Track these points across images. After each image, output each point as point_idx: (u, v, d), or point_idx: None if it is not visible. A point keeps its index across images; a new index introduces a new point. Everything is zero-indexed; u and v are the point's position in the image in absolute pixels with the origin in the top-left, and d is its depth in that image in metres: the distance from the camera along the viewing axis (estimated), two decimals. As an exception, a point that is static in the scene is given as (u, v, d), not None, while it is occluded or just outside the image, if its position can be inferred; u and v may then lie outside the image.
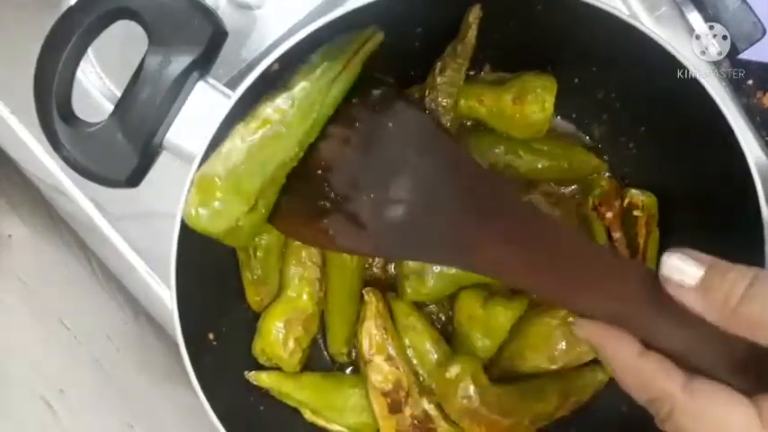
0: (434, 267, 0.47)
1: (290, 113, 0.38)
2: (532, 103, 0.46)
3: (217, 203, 0.37)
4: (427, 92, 0.45)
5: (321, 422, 0.49)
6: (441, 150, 0.39)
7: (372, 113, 0.39)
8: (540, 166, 0.49)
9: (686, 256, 0.30)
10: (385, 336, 0.47)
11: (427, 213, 0.38)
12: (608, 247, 0.35)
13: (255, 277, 0.47)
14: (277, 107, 0.39)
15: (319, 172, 0.39)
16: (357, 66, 0.40)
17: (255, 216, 0.39)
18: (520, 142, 0.48)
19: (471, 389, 0.45)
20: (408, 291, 0.47)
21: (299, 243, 0.48)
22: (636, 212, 0.48)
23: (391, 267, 0.51)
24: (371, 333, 0.47)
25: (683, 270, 0.30)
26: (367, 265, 0.51)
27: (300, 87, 0.39)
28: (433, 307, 0.51)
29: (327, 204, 0.38)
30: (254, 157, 0.38)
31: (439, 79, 0.45)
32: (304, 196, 0.39)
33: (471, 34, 0.43)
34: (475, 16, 0.43)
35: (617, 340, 0.32)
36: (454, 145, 0.40)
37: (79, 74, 0.40)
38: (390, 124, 0.39)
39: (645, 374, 0.31)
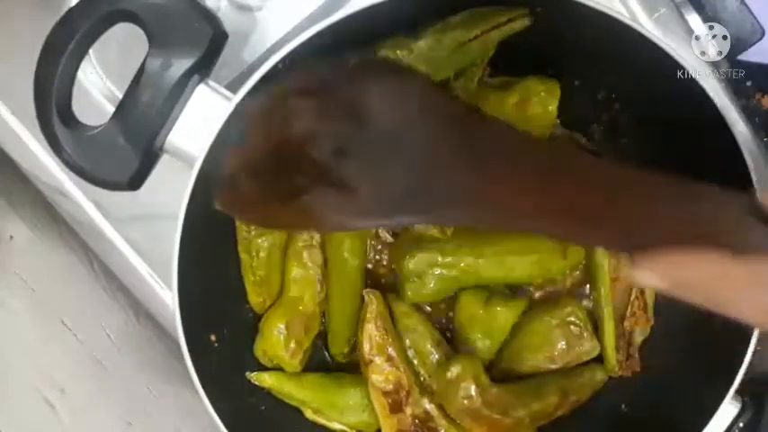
0: (435, 269, 0.47)
1: (405, 62, 0.40)
2: (536, 106, 0.46)
3: None
4: None
5: (322, 421, 0.49)
6: (438, 107, 0.36)
7: (359, 78, 0.37)
8: None
9: None
10: (385, 337, 0.47)
11: (427, 171, 0.34)
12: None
13: (258, 278, 0.48)
14: (396, 51, 0.40)
15: (294, 147, 0.36)
16: (492, 40, 0.41)
17: None
18: None
19: (472, 388, 0.45)
20: (409, 293, 0.47)
21: (300, 244, 0.48)
22: None
23: (392, 268, 0.51)
24: (372, 334, 0.47)
25: None
26: (369, 266, 0.51)
27: (426, 41, 0.40)
28: (432, 308, 0.51)
29: (307, 179, 0.35)
30: None
31: (452, 85, 0.45)
32: (278, 176, 0.36)
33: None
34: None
35: (700, 259, 0.27)
36: (444, 96, 0.38)
37: (80, 75, 0.40)
38: (382, 86, 0.36)
39: (757, 276, 0.26)
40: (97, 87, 0.51)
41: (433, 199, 0.35)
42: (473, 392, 0.45)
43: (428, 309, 0.51)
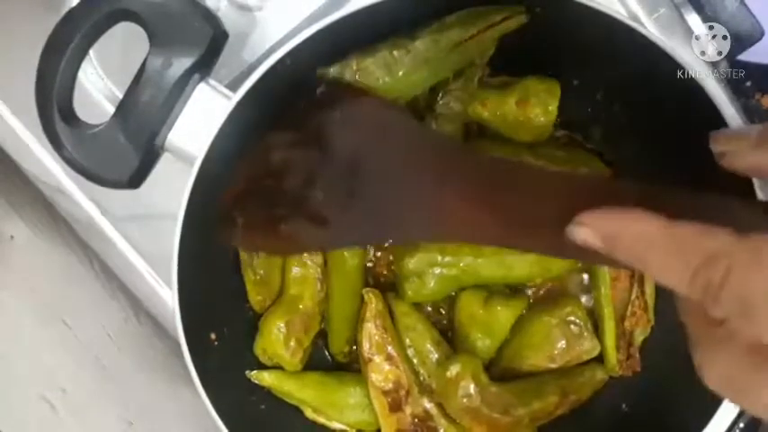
0: (435, 269, 0.47)
1: (402, 63, 0.40)
2: (536, 106, 0.46)
3: None
4: (439, 96, 0.45)
5: (322, 420, 0.49)
6: (391, 128, 0.38)
7: (318, 110, 0.38)
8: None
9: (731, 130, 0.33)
10: (384, 336, 0.47)
11: (387, 192, 0.36)
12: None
13: (258, 277, 0.48)
14: (393, 52, 0.41)
15: (271, 181, 0.38)
16: (490, 39, 0.42)
17: None
18: (523, 147, 0.48)
19: (471, 387, 0.45)
20: (409, 292, 0.47)
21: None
22: None
23: (392, 267, 0.51)
24: (371, 333, 0.47)
25: (738, 137, 0.31)
26: (369, 265, 0.51)
27: (422, 41, 0.40)
28: (432, 307, 0.51)
29: (285, 210, 0.38)
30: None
31: (452, 85, 0.45)
32: (261, 208, 0.39)
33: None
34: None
35: (633, 217, 0.27)
36: (404, 119, 0.39)
37: (80, 75, 0.40)
38: (337, 115, 0.38)
39: (683, 240, 0.26)
40: (98, 87, 0.51)
41: (400, 220, 0.36)
42: (472, 391, 0.45)
43: (428, 308, 0.51)
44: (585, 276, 0.51)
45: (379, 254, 0.51)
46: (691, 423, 0.43)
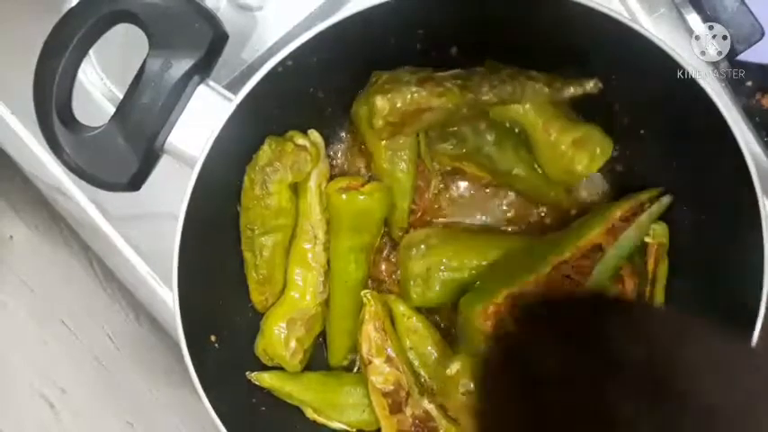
0: (440, 273, 0.47)
1: None
2: (587, 153, 0.46)
3: None
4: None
5: (323, 420, 0.49)
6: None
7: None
8: (514, 172, 0.48)
9: None
10: (384, 337, 0.47)
11: None
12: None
13: (260, 277, 0.47)
14: None
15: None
16: None
17: None
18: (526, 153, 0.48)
19: (471, 385, 0.45)
20: (414, 296, 0.47)
21: (303, 245, 0.48)
22: (647, 239, 0.46)
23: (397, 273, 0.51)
24: (370, 335, 0.47)
25: None
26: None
27: None
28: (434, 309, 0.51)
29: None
30: None
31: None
32: None
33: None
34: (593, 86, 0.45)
35: None
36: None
37: (80, 75, 0.40)
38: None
39: None
40: (97, 88, 0.51)
41: None
42: (472, 389, 0.45)
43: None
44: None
45: (378, 255, 0.51)
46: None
